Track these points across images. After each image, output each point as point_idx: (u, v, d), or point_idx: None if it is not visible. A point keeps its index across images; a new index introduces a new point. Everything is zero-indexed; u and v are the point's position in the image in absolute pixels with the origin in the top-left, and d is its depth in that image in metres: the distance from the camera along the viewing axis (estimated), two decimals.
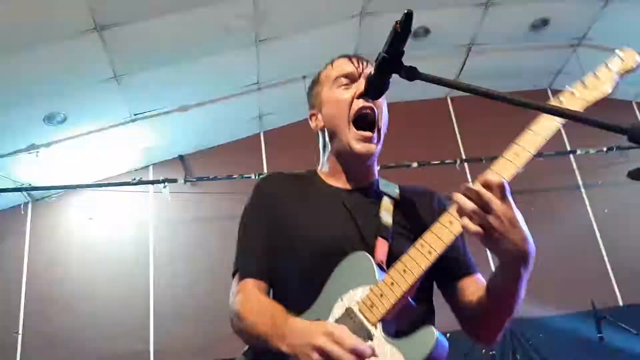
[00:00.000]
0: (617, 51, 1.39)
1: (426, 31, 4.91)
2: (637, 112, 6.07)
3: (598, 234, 5.36)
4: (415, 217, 1.50)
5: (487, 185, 1.17)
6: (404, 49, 1.20)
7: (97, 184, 5.16)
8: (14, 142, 4.50)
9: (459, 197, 1.18)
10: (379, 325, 1.24)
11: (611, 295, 5.11)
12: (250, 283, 1.48)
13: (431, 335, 1.20)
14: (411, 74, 1.20)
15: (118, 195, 5.14)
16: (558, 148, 5.57)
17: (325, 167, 1.64)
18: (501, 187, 1.16)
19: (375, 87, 1.32)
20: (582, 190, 5.60)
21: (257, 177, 5.12)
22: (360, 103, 1.51)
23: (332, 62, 1.63)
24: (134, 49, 4.02)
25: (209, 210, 5.20)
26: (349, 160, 1.56)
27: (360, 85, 1.49)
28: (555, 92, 5.67)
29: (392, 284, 1.25)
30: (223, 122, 5.23)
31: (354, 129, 1.52)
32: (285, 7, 4.17)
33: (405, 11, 1.16)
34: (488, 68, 5.46)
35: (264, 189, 1.61)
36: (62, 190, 5.08)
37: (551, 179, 5.42)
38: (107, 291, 4.84)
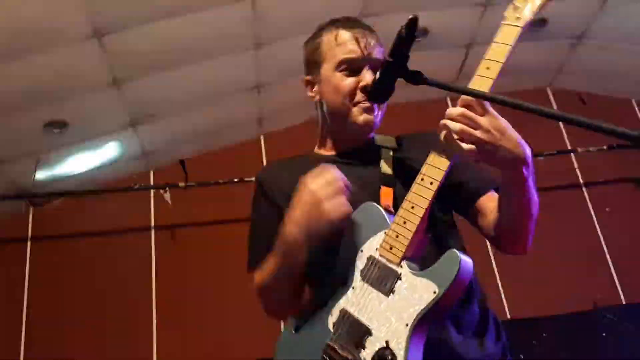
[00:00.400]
0: None
1: (425, 31, 4.91)
2: (637, 110, 6.06)
3: (600, 233, 5.35)
4: (414, 160, 1.51)
5: (467, 105, 1.23)
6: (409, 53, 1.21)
7: (98, 190, 5.15)
8: (14, 149, 4.49)
9: (445, 122, 1.23)
10: (404, 264, 1.29)
11: (614, 295, 5.10)
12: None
13: (455, 258, 1.24)
14: (416, 78, 1.21)
15: (119, 201, 5.13)
16: (558, 147, 5.57)
17: (322, 139, 1.66)
18: (480, 103, 1.21)
19: (380, 92, 1.33)
20: (584, 188, 5.59)
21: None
22: (361, 97, 1.51)
23: (336, 34, 1.58)
24: (133, 54, 4.02)
25: (210, 215, 5.20)
26: (348, 133, 1.59)
27: (365, 77, 1.49)
28: (556, 90, 5.67)
29: (405, 222, 1.30)
30: (223, 126, 5.22)
31: (354, 108, 1.53)
32: (284, 10, 4.17)
33: (410, 16, 1.17)
34: None
35: (262, 181, 1.64)
36: (63, 196, 5.06)
37: (552, 179, 5.41)
38: (113, 299, 4.83)
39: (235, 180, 5.01)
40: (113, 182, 5.23)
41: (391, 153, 1.57)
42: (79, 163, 4.92)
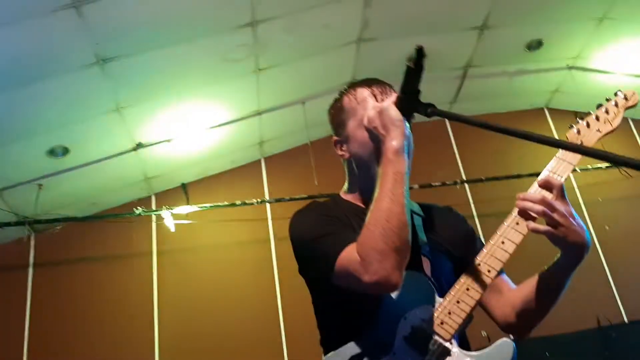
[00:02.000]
0: (619, 92, 1.61)
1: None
2: (632, 127, 6.11)
3: (600, 251, 5.36)
4: (442, 232, 1.60)
5: (547, 185, 1.40)
6: (419, 86, 1.23)
7: (101, 216, 5.17)
8: (17, 175, 4.52)
9: (526, 203, 1.37)
10: (454, 341, 1.34)
11: (616, 313, 5.09)
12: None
13: (510, 347, 1.32)
14: (430, 110, 1.23)
15: (120, 226, 5.13)
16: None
17: (355, 192, 1.64)
18: (560, 187, 1.38)
19: None
20: (583, 207, 5.62)
21: (258, 203, 5.16)
22: None
23: (355, 92, 1.62)
24: (135, 80, 4.07)
25: (212, 238, 5.21)
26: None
27: None
28: (552, 111, 5.74)
29: (458, 302, 1.36)
30: (224, 150, 5.27)
31: None
32: (284, 36, 4.24)
33: (416, 47, 1.19)
34: (485, 89, 5.52)
35: (326, 208, 1.60)
36: (65, 222, 5.07)
37: None
38: (111, 328, 4.82)
39: (237, 202, 5.04)
40: (115, 208, 5.25)
41: (421, 220, 1.59)
42: (80, 188, 4.95)
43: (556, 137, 5.83)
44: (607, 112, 1.59)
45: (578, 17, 4.86)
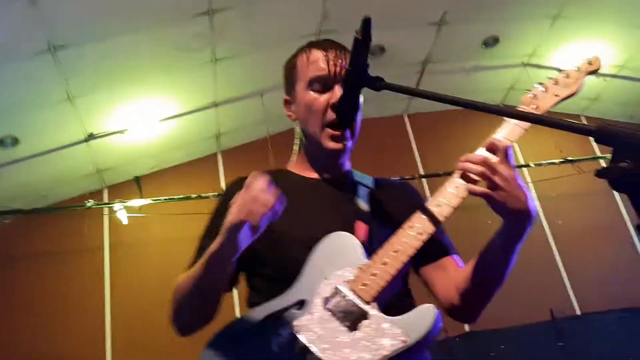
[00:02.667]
0: (584, 58, 1.56)
1: (382, 49, 4.98)
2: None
3: (553, 245, 5.48)
4: (391, 205, 1.53)
5: (492, 148, 1.30)
6: (368, 61, 1.21)
7: (51, 208, 5.02)
8: None
9: (466, 164, 1.27)
10: (374, 304, 1.26)
11: (569, 305, 5.22)
12: None
13: (431, 312, 1.22)
14: (378, 84, 1.20)
15: (72, 220, 5.00)
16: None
17: (299, 160, 1.63)
18: (505, 150, 1.27)
19: (348, 106, 1.32)
20: (537, 202, 5.73)
21: (214, 197, 5.08)
22: (331, 115, 1.49)
23: (308, 54, 1.58)
24: (88, 69, 3.96)
25: (166, 232, 5.12)
26: (321, 156, 1.57)
27: (336, 94, 1.48)
28: (508, 107, 5.78)
29: (385, 263, 1.28)
30: (179, 142, 5.17)
31: (326, 129, 1.52)
32: (242, 27, 4.17)
33: (363, 17, 1.16)
34: (443, 85, 5.56)
35: (230, 189, 1.58)
36: (15, 215, 4.91)
37: None
38: (62, 323, 4.69)
39: (192, 196, 4.95)
40: (66, 200, 5.11)
41: (368, 191, 1.56)
42: (30, 180, 4.79)
43: None
44: (567, 76, 1.53)
45: (533, 15, 4.94)
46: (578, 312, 5.22)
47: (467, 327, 4.77)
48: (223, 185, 5.43)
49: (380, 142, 5.55)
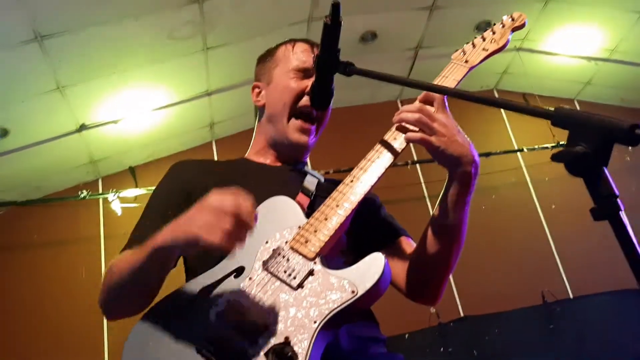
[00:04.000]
0: (508, 15, 1.62)
1: (373, 35, 4.97)
2: (578, 109, 6.27)
3: (547, 229, 5.51)
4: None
5: (428, 100, 1.30)
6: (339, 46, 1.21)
7: (45, 199, 5.00)
8: None
9: (402, 113, 1.26)
10: (318, 260, 1.20)
11: (561, 289, 5.26)
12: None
13: (379, 260, 1.15)
14: (349, 69, 1.21)
15: (66, 210, 4.99)
16: (506, 147, 5.72)
17: (256, 145, 1.64)
18: (441, 100, 1.27)
19: (321, 95, 1.32)
20: (530, 186, 5.75)
21: None
22: (307, 100, 1.51)
23: (294, 44, 1.63)
24: (77, 58, 3.92)
25: None
26: (282, 146, 1.58)
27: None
28: (502, 92, 5.83)
29: (326, 219, 1.24)
30: (173, 131, 5.15)
31: (294, 119, 1.53)
32: (234, 14, 4.15)
33: (332, 2, 1.17)
34: (436, 70, 5.54)
35: (175, 167, 1.58)
36: (8, 206, 4.89)
37: (500, 177, 5.55)
38: (59, 314, 4.68)
39: None
40: (60, 192, 5.09)
41: (317, 181, 1.54)
42: (23, 171, 4.77)
43: (505, 119, 5.97)
44: (493, 32, 1.59)
45: None
46: (571, 296, 5.26)
47: (461, 312, 4.81)
48: None
49: (373, 127, 5.54)
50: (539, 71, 5.80)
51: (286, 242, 1.25)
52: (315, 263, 1.19)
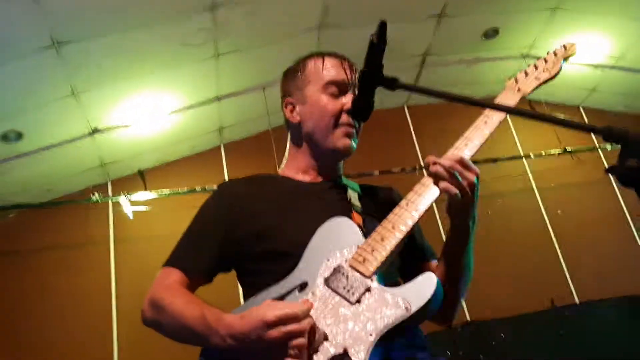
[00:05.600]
0: (561, 45, 1.69)
1: None
2: (584, 116, 6.31)
3: (553, 235, 5.54)
4: (378, 205, 1.58)
5: (457, 159, 1.38)
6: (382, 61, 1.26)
7: (56, 202, 5.06)
8: None
9: (439, 168, 1.35)
10: (375, 277, 1.30)
11: (568, 294, 5.28)
12: (175, 274, 1.49)
13: (431, 280, 1.26)
14: (393, 84, 1.26)
15: (77, 213, 5.04)
16: (512, 153, 5.76)
17: (291, 164, 1.67)
18: (462, 161, 1.36)
19: (362, 108, 1.37)
20: (536, 192, 5.78)
21: None
22: (346, 119, 1.57)
23: (323, 59, 1.64)
24: (92, 65, 3.98)
25: (172, 226, 5.15)
26: (326, 157, 1.62)
27: (349, 99, 1.54)
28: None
29: (382, 239, 1.34)
30: (183, 136, 5.22)
31: (341, 127, 1.58)
32: (245, 21, 4.21)
33: (380, 21, 1.22)
34: (443, 78, 5.60)
35: (225, 190, 1.62)
36: (19, 209, 4.95)
37: (506, 184, 5.58)
38: (68, 317, 4.72)
39: (197, 189, 5.00)
40: (70, 194, 5.15)
41: (357, 194, 1.61)
42: (34, 174, 4.83)
43: (511, 124, 6.01)
44: (545, 61, 1.66)
45: (532, 6, 4.97)
46: (577, 301, 5.28)
47: (468, 317, 4.83)
48: (227, 177, 5.47)
49: (382, 134, 5.60)
50: None
51: (346, 261, 1.34)
52: (372, 280, 1.29)
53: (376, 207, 1.57)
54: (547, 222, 5.60)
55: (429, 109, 5.88)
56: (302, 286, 1.34)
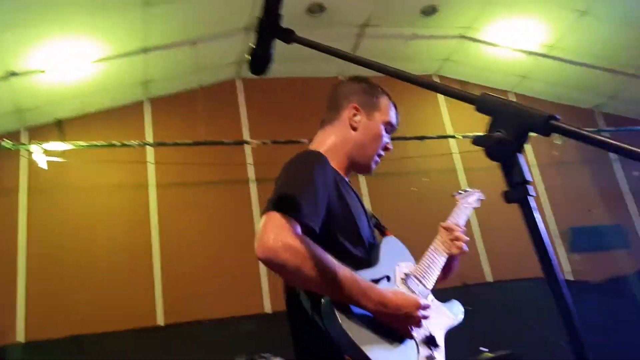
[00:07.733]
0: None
1: (321, 7, 4.91)
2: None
3: (474, 217, 5.67)
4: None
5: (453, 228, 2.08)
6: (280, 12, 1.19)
7: None
8: None
9: (461, 243, 2.01)
10: (430, 291, 1.77)
11: (480, 274, 5.46)
12: (298, 227, 1.49)
13: (460, 306, 1.90)
14: (289, 36, 1.20)
15: None
16: (440, 132, 5.84)
17: (333, 155, 1.87)
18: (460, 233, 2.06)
19: (259, 60, 1.29)
20: (460, 173, 5.89)
21: (139, 146, 4.94)
22: (382, 154, 1.98)
23: (393, 104, 2.03)
24: (11, 3, 3.69)
25: (88, 179, 4.94)
26: (356, 166, 1.96)
27: (389, 140, 1.98)
28: (442, 79, 5.90)
29: (433, 262, 1.86)
30: (105, 86, 4.95)
31: (377, 157, 1.98)
32: None
33: None
34: (380, 51, 5.55)
35: (329, 165, 1.76)
36: None
37: (432, 161, 5.66)
38: None
39: (116, 143, 4.78)
40: None
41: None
42: None
43: (441, 104, 6.07)
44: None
45: None
46: (490, 280, 5.47)
47: None
48: (149, 134, 5.25)
49: (310, 101, 5.50)
50: (479, 61, 5.91)
51: (410, 271, 1.77)
52: (430, 292, 1.76)
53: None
54: None
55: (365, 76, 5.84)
56: (388, 278, 1.66)
